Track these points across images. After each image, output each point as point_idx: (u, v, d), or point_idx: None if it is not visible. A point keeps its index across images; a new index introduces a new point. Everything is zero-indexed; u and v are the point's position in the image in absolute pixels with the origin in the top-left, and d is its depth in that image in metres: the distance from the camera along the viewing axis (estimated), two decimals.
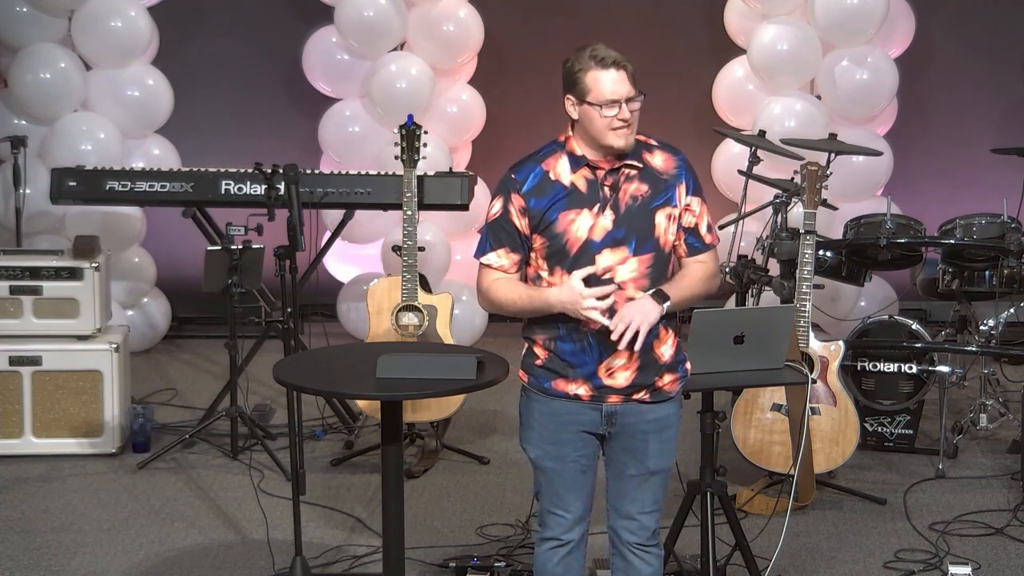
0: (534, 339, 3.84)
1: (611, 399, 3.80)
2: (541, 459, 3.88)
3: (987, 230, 5.97)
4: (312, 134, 7.98)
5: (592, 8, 8.22)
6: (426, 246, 6.54)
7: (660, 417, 3.84)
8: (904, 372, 6.06)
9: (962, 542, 5.22)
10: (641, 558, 3.92)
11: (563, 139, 3.81)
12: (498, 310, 3.85)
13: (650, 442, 3.84)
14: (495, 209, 3.81)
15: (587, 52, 3.72)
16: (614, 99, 3.68)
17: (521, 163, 3.82)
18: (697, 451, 4.48)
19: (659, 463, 3.87)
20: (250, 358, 6.53)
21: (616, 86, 3.69)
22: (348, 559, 5.08)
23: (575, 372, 3.78)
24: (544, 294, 3.74)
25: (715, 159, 7.86)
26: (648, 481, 3.88)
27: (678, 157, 3.83)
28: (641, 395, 3.81)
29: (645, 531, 3.91)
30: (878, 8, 7.34)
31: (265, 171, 5.80)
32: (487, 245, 3.82)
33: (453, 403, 5.96)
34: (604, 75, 3.69)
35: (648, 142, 3.83)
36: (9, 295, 6.17)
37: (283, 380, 3.99)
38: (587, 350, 3.76)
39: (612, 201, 3.74)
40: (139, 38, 7.56)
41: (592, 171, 3.76)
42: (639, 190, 3.75)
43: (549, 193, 3.75)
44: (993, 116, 8.25)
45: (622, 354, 3.74)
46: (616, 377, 3.78)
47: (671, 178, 3.79)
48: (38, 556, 5.12)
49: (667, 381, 3.84)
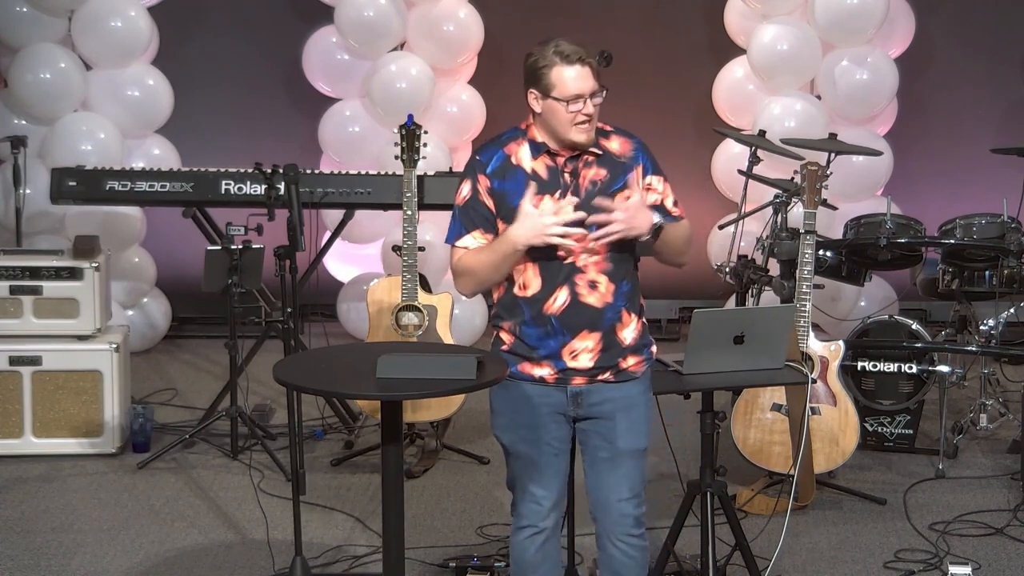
0: (501, 325, 3.92)
1: (575, 380, 3.86)
2: (514, 444, 3.94)
3: (987, 230, 5.97)
4: (312, 134, 7.98)
5: (592, 8, 8.22)
6: (426, 246, 6.54)
7: (627, 396, 3.89)
8: (904, 372, 6.06)
9: (962, 542, 5.22)
10: (622, 549, 3.96)
11: (524, 127, 3.89)
12: (476, 283, 3.86)
13: (618, 420, 3.89)
14: (464, 192, 3.86)
15: (551, 47, 3.78)
16: (578, 94, 3.74)
17: (484, 146, 3.90)
18: (697, 451, 4.48)
19: (628, 443, 3.90)
20: (250, 358, 6.53)
21: (580, 82, 3.74)
22: (348, 559, 5.08)
23: (539, 355, 3.84)
24: (506, 235, 3.75)
25: (715, 159, 7.86)
26: (621, 464, 3.90)
27: (634, 140, 3.89)
28: (606, 376, 3.87)
29: (626, 519, 3.94)
30: (878, 8, 7.33)
31: (265, 171, 5.80)
32: (461, 229, 3.86)
33: (453, 403, 5.96)
34: (568, 71, 3.75)
35: (604, 128, 3.88)
36: (9, 295, 6.17)
37: (283, 380, 3.98)
38: (551, 334, 3.83)
39: (573, 187, 3.80)
40: (139, 38, 7.56)
41: (552, 158, 3.83)
42: (598, 175, 3.82)
43: (511, 177, 3.81)
44: (993, 116, 8.25)
45: (584, 336, 3.81)
46: (579, 359, 3.84)
47: (629, 160, 3.85)
48: (38, 556, 5.12)
49: (631, 363, 3.90)
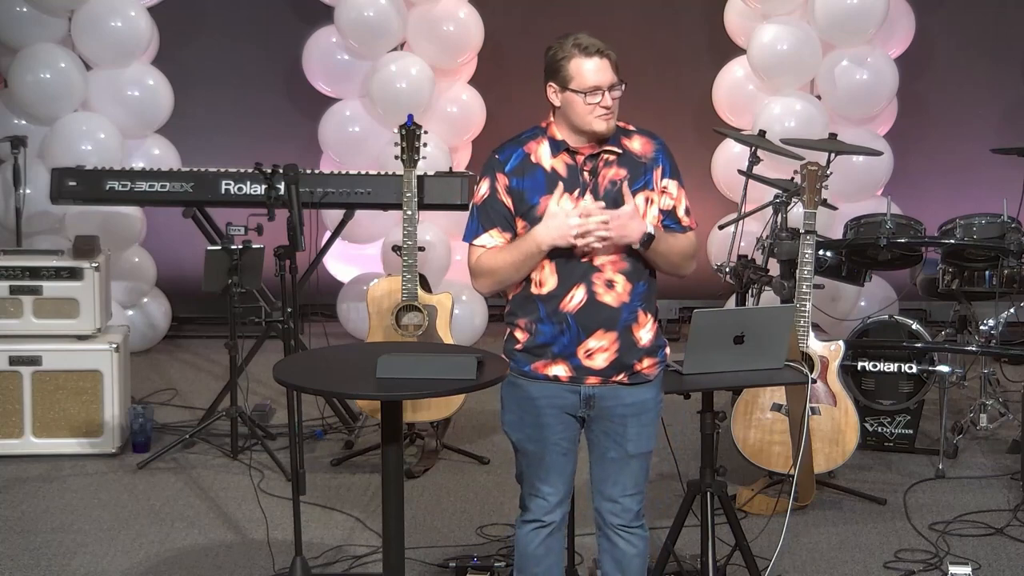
0: (516, 323, 3.90)
1: (589, 380, 3.85)
2: (523, 442, 3.95)
3: (987, 230, 5.97)
4: (312, 134, 7.98)
5: (592, 8, 8.22)
6: (426, 246, 6.54)
7: (639, 401, 3.89)
8: (904, 372, 6.06)
9: (962, 542, 5.21)
10: (625, 539, 3.99)
11: (544, 125, 3.88)
12: (495, 282, 3.87)
13: (629, 425, 3.89)
14: (483, 190, 3.86)
15: (570, 40, 3.79)
16: (597, 86, 3.74)
17: (504, 145, 3.89)
18: (697, 451, 4.48)
19: (638, 447, 3.92)
20: (250, 358, 6.53)
21: (599, 74, 3.75)
22: (348, 559, 5.08)
23: (554, 352, 3.83)
24: (531, 235, 3.76)
25: (715, 159, 7.86)
26: (629, 465, 3.93)
27: (656, 141, 3.88)
28: (620, 377, 3.86)
29: (628, 513, 3.97)
30: (878, 8, 7.33)
31: (265, 171, 5.79)
32: (478, 227, 3.87)
33: (453, 403, 5.96)
34: (587, 63, 3.75)
35: (627, 127, 3.88)
36: (9, 295, 6.17)
37: (283, 380, 3.98)
38: (566, 332, 3.82)
39: (592, 185, 3.80)
40: (139, 38, 7.56)
41: (572, 156, 3.82)
42: (618, 174, 3.81)
43: (529, 175, 3.81)
44: (993, 116, 8.25)
45: (600, 335, 3.81)
46: (595, 359, 3.83)
47: (649, 161, 3.84)
48: (38, 556, 5.12)
49: (646, 365, 3.89)
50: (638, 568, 4.02)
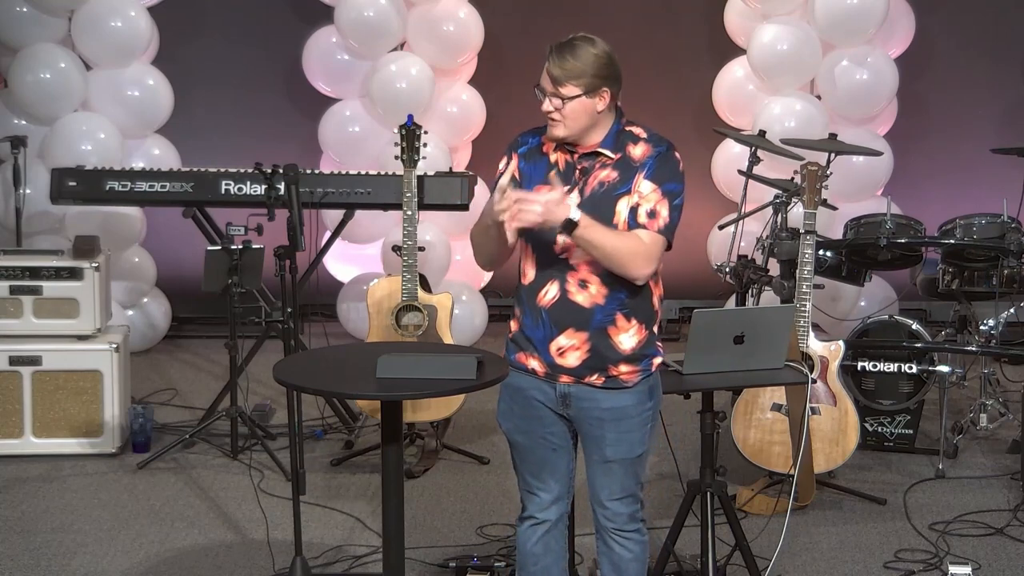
0: (513, 311, 3.94)
1: (563, 379, 3.86)
2: (511, 432, 3.98)
3: (987, 230, 5.97)
4: (312, 134, 7.98)
5: (592, 8, 8.22)
6: (426, 246, 6.54)
7: (617, 407, 3.86)
8: (904, 372, 6.06)
9: (962, 542, 5.22)
10: (620, 543, 3.98)
11: None
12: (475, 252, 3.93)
13: (606, 431, 3.87)
14: (500, 167, 3.91)
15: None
16: (538, 85, 3.78)
17: (529, 130, 3.94)
18: (697, 451, 4.48)
19: (617, 452, 3.89)
20: (250, 358, 6.53)
21: (543, 76, 3.77)
22: (348, 559, 5.08)
23: (533, 346, 3.86)
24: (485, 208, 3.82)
25: (715, 159, 7.86)
26: (611, 469, 3.91)
27: (656, 148, 3.82)
28: (593, 378, 3.84)
29: (619, 517, 3.96)
30: (878, 8, 7.33)
31: (265, 171, 5.79)
32: None
33: (453, 403, 5.96)
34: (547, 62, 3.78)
35: (637, 133, 3.85)
36: (9, 295, 6.17)
37: (283, 380, 3.98)
38: (541, 326, 3.84)
39: (580, 185, 3.80)
40: (139, 38, 7.56)
41: (570, 154, 3.83)
42: (609, 177, 3.80)
43: (534, 161, 3.86)
44: (993, 116, 8.25)
45: (571, 334, 3.80)
46: (567, 357, 3.83)
47: (639, 166, 3.81)
48: (38, 556, 5.12)
49: (624, 371, 3.85)
50: (635, 572, 3.99)
